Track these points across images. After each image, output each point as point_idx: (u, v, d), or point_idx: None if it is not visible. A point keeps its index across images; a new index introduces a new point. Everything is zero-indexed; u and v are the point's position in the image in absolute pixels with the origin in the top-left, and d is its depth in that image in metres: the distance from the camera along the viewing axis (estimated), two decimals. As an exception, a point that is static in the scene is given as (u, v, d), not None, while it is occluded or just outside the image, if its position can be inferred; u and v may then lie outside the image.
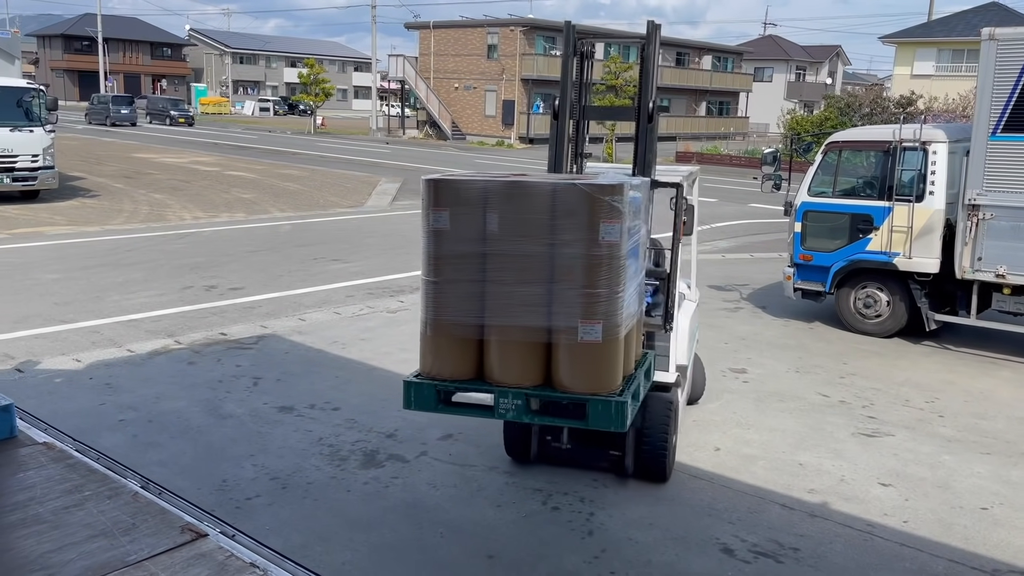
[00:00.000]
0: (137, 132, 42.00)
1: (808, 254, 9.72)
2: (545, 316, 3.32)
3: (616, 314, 3.34)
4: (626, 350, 3.59)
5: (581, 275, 3.26)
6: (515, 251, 3.31)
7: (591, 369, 3.34)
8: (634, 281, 3.70)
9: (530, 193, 3.33)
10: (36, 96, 16.93)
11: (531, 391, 3.44)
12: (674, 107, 55.83)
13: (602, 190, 3.23)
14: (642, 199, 3.81)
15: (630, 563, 4.60)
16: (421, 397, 3.62)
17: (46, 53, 75.76)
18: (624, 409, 3.32)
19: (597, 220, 3.22)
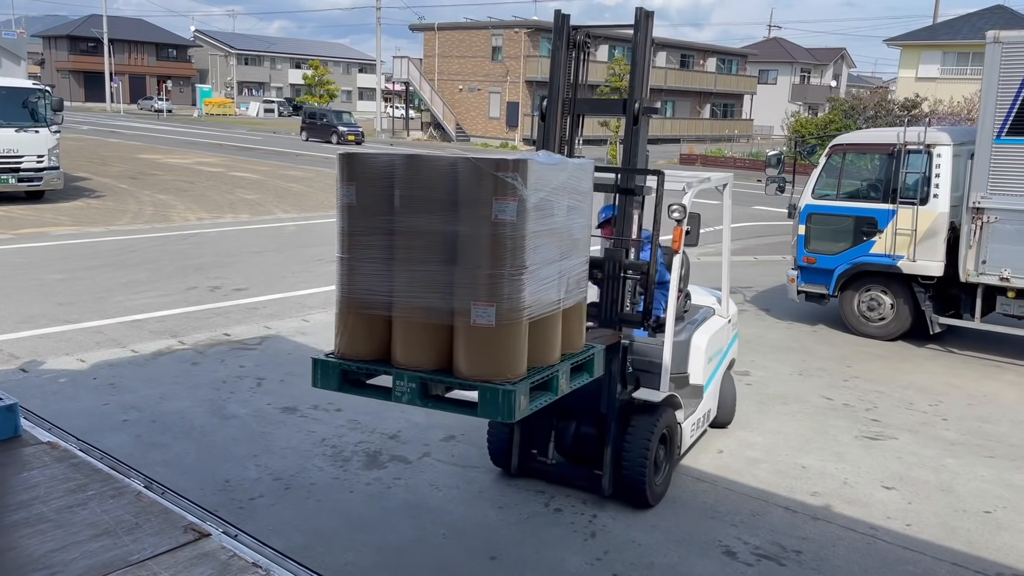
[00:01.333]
0: (142, 133, 42.12)
1: (812, 257, 9.71)
2: (444, 297, 3.12)
3: (514, 297, 3.08)
4: (540, 338, 3.30)
5: (473, 254, 3.05)
6: (416, 228, 3.15)
7: (484, 354, 3.10)
8: (554, 265, 3.35)
9: (429, 168, 3.16)
10: (41, 97, 16.98)
11: (427, 375, 3.22)
12: (678, 109, 55.83)
13: (496, 166, 3.03)
14: (571, 181, 3.47)
15: (632, 565, 4.60)
16: (327, 376, 3.47)
17: (52, 54, 75.98)
18: (512, 399, 3.06)
19: (490, 197, 3.01)
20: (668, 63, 54.34)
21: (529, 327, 3.23)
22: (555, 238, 3.34)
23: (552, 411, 5.09)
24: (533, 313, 3.23)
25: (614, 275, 4.97)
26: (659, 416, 5.11)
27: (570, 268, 3.51)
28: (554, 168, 3.30)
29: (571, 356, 3.62)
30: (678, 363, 5.66)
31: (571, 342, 3.62)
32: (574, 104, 5.24)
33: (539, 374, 3.33)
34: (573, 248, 3.54)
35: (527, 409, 3.21)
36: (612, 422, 5.02)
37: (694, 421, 5.77)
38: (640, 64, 4.96)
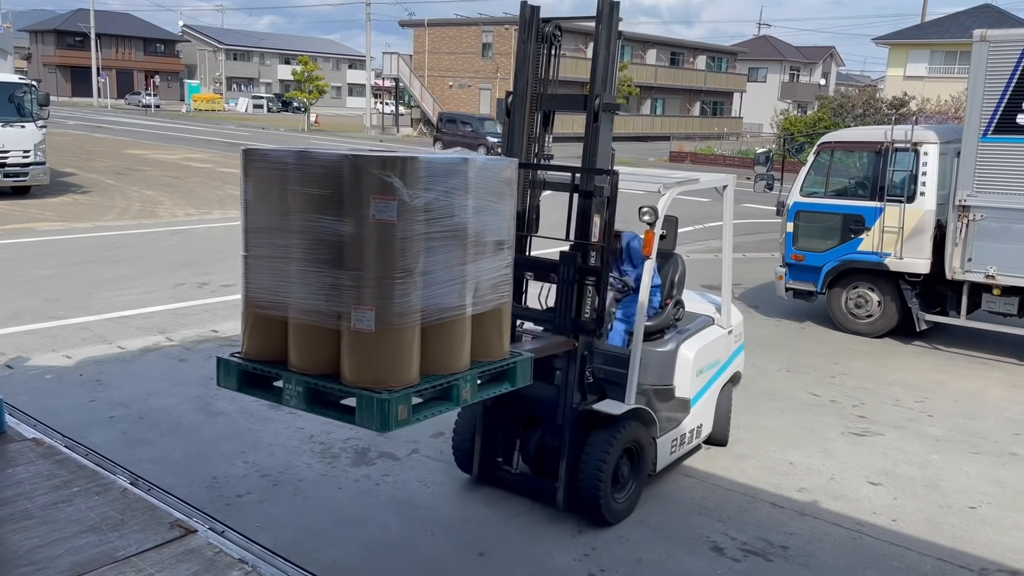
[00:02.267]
0: (129, 128, 41.87)
1: (800, 254, 9.76)
2: (330, 299, 3.02)
3: (398, 302, 2.95)
4: (438, 345, 3.17)
5: (354, 256, 2.94)
6: (304, 227, 3.04)
7: (365, 360, 2.98)
8: (455, 268, 3.20)
9: (315, 165, 3.04)
10: (28, 91, 16.85)
11: (313, 380, 3.09)
12: (668, 107, 55.93)
13: (375, 164, 2.91)
14: (479, 181, 3.29)
15: (620, 561, 4.61)
16: (228, 376, 3.34)
17: (38, 48, 75.44)
18: (387, 408, 2.90)
19: (367, 196, 2.89)
20: (658, 61, 54.40)
21: (425, 333, 3.11)
22: (457, 240, 3.18)
23: (518, 420, 5.07)
24: (428, 318, 3.10)
25: (569, 280, 4.67)
26: (620, 430, 4.84)
27: (481, 272, 3.33)
28: (450, 166, 3.13)
29: (485, 364, 3.44)
30: (662, 375, 5.44)
31: (486, 350, 3.46)
32: (541, 100, 4.96)
33: (433, 383, 3.16)
34: (484, 251, 3.35)
35: (410, 420, 3.05)
36: (568, 433, 4.80)
37: (676, 437, 5.47)
38: (602, 57, 4.65)
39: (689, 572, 4.56)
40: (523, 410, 5.05)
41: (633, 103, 47.89)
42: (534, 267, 4.95)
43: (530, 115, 4.95)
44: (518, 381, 3.65)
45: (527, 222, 4.95)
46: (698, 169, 33.61)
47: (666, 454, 5.38)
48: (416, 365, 3.07)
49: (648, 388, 5.31)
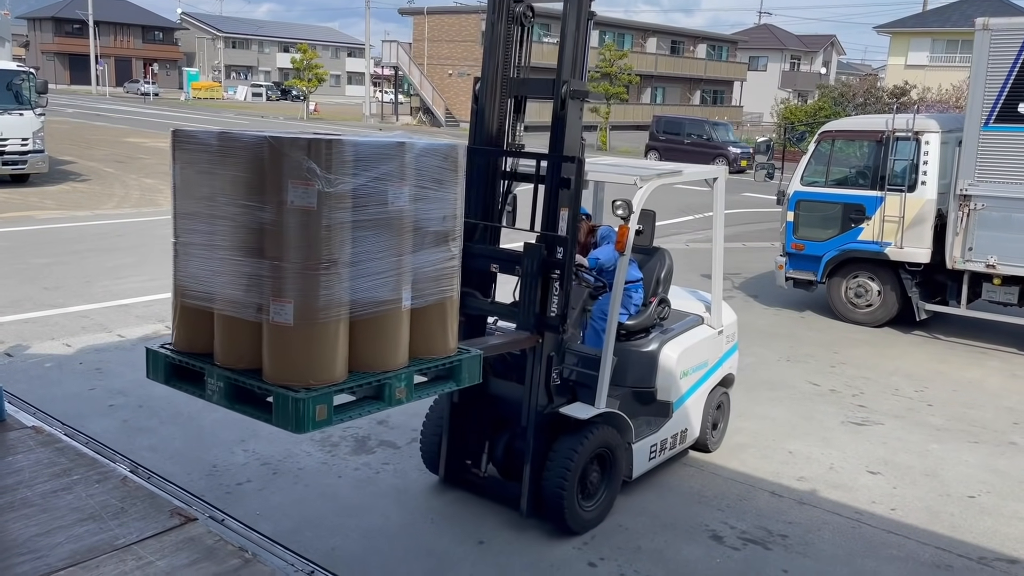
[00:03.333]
0: (128, 116, 41.74)
1: (800, 243, 9.75)
2: (250, 290, 2.84)
3: (318, 294, 2.75)
4: (369, 341, 2.98)
5: (272, 245, 2.76)
6: (227, 213, 2.87)
7: (283, 356, 2.80)
8: (388, 259, 2.99)
9: (237, 147, 2.85)
10: (26, 79, 16.78)
11: (235, 375, 2.90)
12: (668, 95, 55.77)
13: (293, 146, 2.70)
14: (417, 167, 3.07)
15: (619, 549, 4.62)
16: (156, 368, 3.18)
17: (36, 36, 75.12)
18: (303, 408, 2.70)
19: (284, 181, 2.69)
20: (659, 49, 54.23)
21: (355, 328, 2.94)
22: (390, 230, 2.97)
23: (487, 421, 4.87)
24: (357, 312, 2.91)
25: (532, 273, 4.43)
26: (588, 435, 4.61)
27: (421, 264, 3.13)
28: (382, 151, 2.90)
29: (426, 362, 3.23)
30: (643, 376, 5.26)
31: (429, 346, 3.25)
32: (510, 86, 4.70)
33: (359, 381, 2.96)
34: (424, 242, 3.14)
35: (331, 420, 2.85)
36: (532, 437, 4.58)
37: (655, 443, 5.21)
38: (571, 40, 4.38)
39: (688, 560, 4.57)
40: (492, 411, 4.87)
41: (633, 91, 47.70)
42: (500, 260, 4.67)
43: (499, 101, 4.68)
44: (464, 380, 3.40)
45: (496, 212, 4.77)
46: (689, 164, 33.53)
47: (644, 461, 5.13)
48: (342, 362, 2.88)
49: (627, 390, 5.15)
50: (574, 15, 4.37)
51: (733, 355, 6.14)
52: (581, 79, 4.45)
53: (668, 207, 17.82)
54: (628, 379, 5.22)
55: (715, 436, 5.93)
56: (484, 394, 4.73)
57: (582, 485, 4.67)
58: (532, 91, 4.70)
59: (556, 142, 4.44)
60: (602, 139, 36.67)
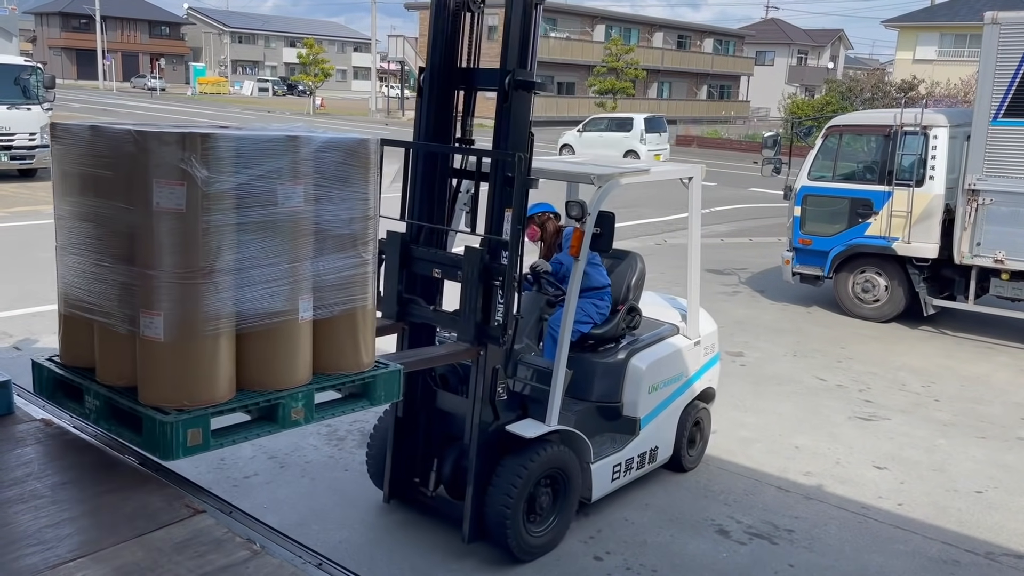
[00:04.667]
0: (136, 111, 41.79)
1: (807, 238, 9.72)
2: (123, 301, 2.52)
3: (192, 305, 2.42)
4: (259, 357, 2.63)
5: (141, 250, 2.44)
6: (99, 215, 2.57)
7: (156, 374, 2.48)
8: (280, 267, 2.61)
9: (106, 142, 2.53)
10: (33, 74, 16.82)
11: (111, 393, 2.57)
12: (675, 90, 55.61)
13: (158, 140, 2.37)
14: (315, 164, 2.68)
15: (625, 543, 4.62)
16: (41, 383, 2.86)
17: (44, 31, 75.29)
18: (170, 432, 2.38)
19: (150, 180, 2.37)
20: (665, 44, 54.10)
21: (243, 342, 2.59)
22: (281, 234, 2.59)
23: (436, 438, 4.60)
24: (244, 325, 2.57)
25: (473, 280, 4.04)
26: (537, 454, 4.27)
27: (323, 271, 2.76)
28: (269, 145, 2.53)
29: (332, 379, 2.87)
30: (607, 390, 4.95)
31: (337, 362, 2.88)
32: (457, 76, 4.37)
33: (246, 401, 2.61)
34: (326, 246, 2.76)
35: (208, 446, 2.52)
36: (475, 456, 4.25)
37: (619, 462, 4.85)
38: (516, 26, 4.01)
39: (694, 555, 4.57)
40: (440, 427, 4.59)
41: (640, 86, 47.62)
42: (442, 264, 4.29)
43: (445, 93, 4.33)
44: (380, 398, 3.03)
45: (446, 212, 4.48)
46: (706, 153, 33.49)
47: (605, 481, 4.78)
48: (225, 380, 2.55)
49: (590, 405, 4.89)
50: (521, 1, 4.02)
51: (713, 367, 5.72)
52: (527, 68, 4.07)
53: (675, 202, 17.81)
54: (592, 393, 4.91)
55: (692, 454, 5.53)
56: (431, 408, 4.54)
57: (530, 508, 4.36)
58: (481, 82, 4.33)
59: (500, 137, 4.09)
60: (608, 134, 36.58)
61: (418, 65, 4.22)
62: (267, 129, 2.64)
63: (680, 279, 5.83)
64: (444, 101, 4.34)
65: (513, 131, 4.04)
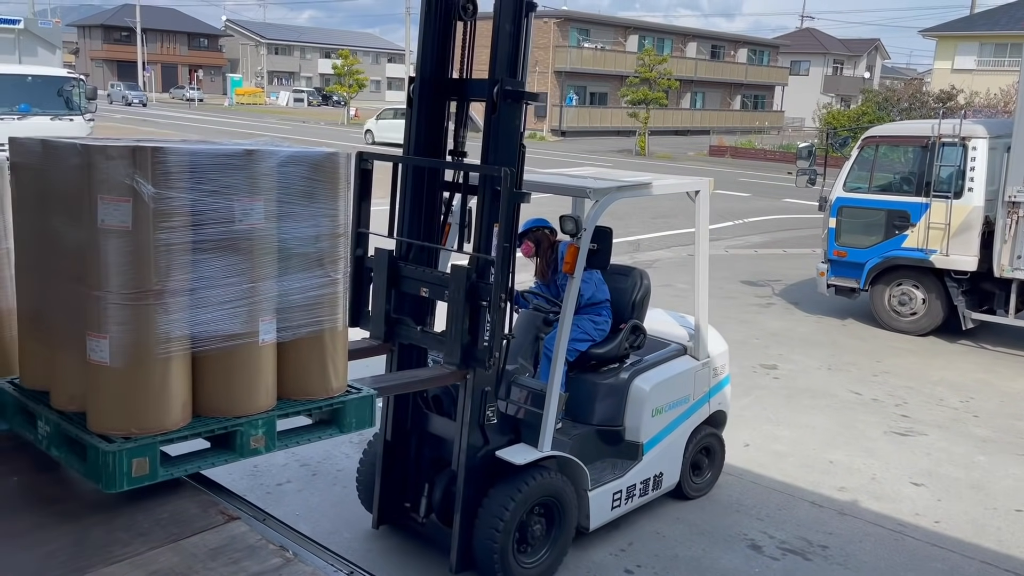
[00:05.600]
0: (175, 121, 42.54)
1: (842, 250, 9.61)
2: (73, 322, 2.41)
3: (141, 328, 2.30)
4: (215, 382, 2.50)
5: (86, 269, 2.33)
6: (49, 232, 2.48)
7: (102, 400, 2.36)
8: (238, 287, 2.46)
9: (56, 158, 2.45)
10: (76, 85, 17.22)
11: (61, 418, 2.45)
12: (708, 101, 55.36)
13: (102, 154, 2.26)
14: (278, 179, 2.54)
15: (656, 557, 4.59)
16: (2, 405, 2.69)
17: (86, 43, 76.98)
18: (112, 462, 2.26)
19: (94, 195, 2.27)
20: (698, 54, 53.89)
21: (199, 366, 2.47)
22: (238, 252, 2.45)
23: (427, 462, 4.43)
24: (200, 348, 2.44)
25: (459, 300, 3.83)
26: (528, 481, 4.08)
27: (287, 291, 2.61)
28: (224, 159, 2.41)
29: (297, 405, 2.73)
30: (608, 413, 4.76)
31: (303, 386, 2.73)
32: (448, 87, 4.18)
33: (198, 429, 2.48)
34: (290, 266, 2.62)
35: (157, 475, 2.38)
36: (463, 482, 4.06)
37: (619, 490, 4.63)
38: (506, 33, 3.82)
39: (726, 570, 4.53)
40: (431, 450, 4.40)
41: (673, 96, 47.47)
42: (429, 283, 4.09)
43: (436, 105, 4.16)
44: (350, 425, 2.86)
45: (437, 228, 4.31)
46: (739, 163, 33.26)
47: (604, 509, 4.57)
48: (178, 406, 2.42)
49: (589, 429, 4.71)
50: (510, 6, 3.81)
51: (723, 390, 5.42)
52: (517, 78, 3.88)
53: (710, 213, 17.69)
54: (592, 416, 4.74)
55: (699, 482, 5.30)
56: (422, 432, 4.39)
57: (521, 538, 4.17)
58: (474, 93, 4.12)
59: (487, 149, 3.88)
60: (641, 144, 36.52)
61: (408, 75, 4.39)
62: (224, 143, 2.51)
63: (711, 290, 5.79)
64: (435, 112, 4.17)
65: (502, 143, 3.85)
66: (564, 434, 4.52)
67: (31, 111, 16.33)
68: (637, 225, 15.53)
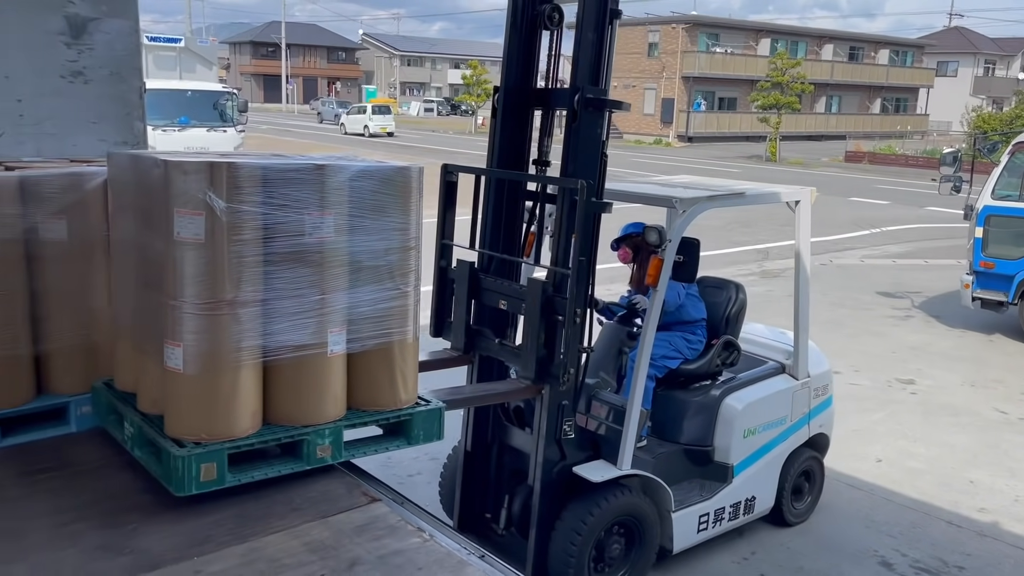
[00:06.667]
0: (313, 131, 44.67)
1: (990, 261, 9.11)
2: (154, 330, 2.50)
3: (213, 337, 2.38)
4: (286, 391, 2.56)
5: (166, 280, 2.42)
6: (136, 244, 2.61)
7: (177, 404, 2.45)
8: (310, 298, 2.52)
9: (143, 173, 2.56)
10: (229, 99, 18.44)
11: (143, 421, 2.57)
12: (845, 104, 53.16)
13: (178, 169, 2.35)
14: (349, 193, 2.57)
15: (780, 567, 4.55)
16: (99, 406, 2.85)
17: (236, 59, 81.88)
18: (182, 467, 2.34)
19: (171, 208, 2.36)
20: (835, 56, 51.87)
21: (270, 375, 2.54)
22: (308, 265, 2.51)
23: (507, 474, 4.36)
24: (271, 357, 2.51)
25: (535, 313, 3.75)
26: (605, 500, 4.00)
27: (356, 303, 2.66)
28: (295, 174, 2.47)
29: (364, 415, 2.77)
30: (697, 433, 4.62)
31: (372, 397, 2.77)
32: (532, 97, 4.14)
33: (265, 437, 2.53)
34: (360, 278, 2.66)
35: (224, 480, 2.44)
36: (539, 497, 3.96)
37: (707, 512, 4.48)
38: (588, 42, 3.76)
39: (854, 584, 4.44)
40: (513, 463, 4.32)
41: (807, 101, 45.93)
42: (508, 296, 4.01)
43: (520, 114, 4.12)
44: (417, 438, 2.90)
45: (513, 241, 4.22)
46: (879, 170, 31.82)
47: (690, 532, 4.44)
48: (248, 414, 2.49)
49: (676, 448, 4.58)
50: (593, 13, 3.75)
51: (825, 412, 5.16)
52: (600, 86, 3.82)
53: (839, 220, 17.07)
54: (680, 434, 4.61)
55: (798, 507, 5.07)
56: (503, 443, 4.33)
57: (598, 556, 4.06)
58: (560, 103, 4.03)
59: (567, 159, 3.83)
60: (771, 150, 35.52)
61: (493, 85, 4.23)
62: (299, 158, 2.59)
63: (845, 300, 5.65)
64: (519, 122, 4.13)
65: (582, 152, 3.78)
66: (648, 452, 4.44)
67: (190, 123, 17.62)
68: (766, 232, 15.18)
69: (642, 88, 46.92)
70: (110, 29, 3.40)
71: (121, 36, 3.44)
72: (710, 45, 46.11)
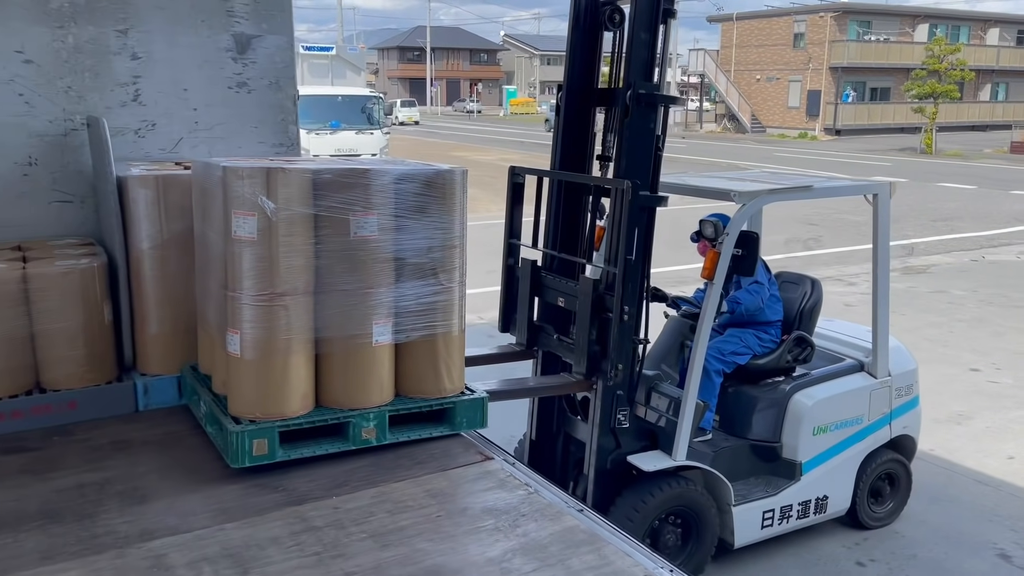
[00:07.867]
0: (454, 132, 46.02)
1: None
2: (220, 317, 2.78)
3: (266, 325, 2.63)
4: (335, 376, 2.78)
5: (227, 274, 2.68)
6: (208, 241, 2.90)
7: (237, 386, 2.71)
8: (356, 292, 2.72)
9: (209, 177, 2.83)
10: (376, 103, 19.49)
11: (214, 400, 2.85)
12: (1012, 92, 49.44)
13: (234, 175, 2.59)
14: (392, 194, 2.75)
15: (892, 554, 4.59)
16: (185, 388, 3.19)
17: (384, 63, 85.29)
18: (236, 442, 2.59)
19: (229, 209, 2.63)
20: (1001, 40, 48.31)
21: (322, 362, 2.77)
22: (353, 261, 2.72)
23: (572, 463, 4.48)
24: (321, 346, 2.75)
25: (585, 311, 3.88)
26: (657, 489, 4.05)
27: (400, 297, 2.84)
28: (340, 177, 2.67)
29: (409, 402, 2.96)
30: (765, 428, 4.57)
31: (418, 385, 2.97)
32: (595, 96, 4.20)
33: (314, 418, 2.76)
34: (404, 274, 2.83)
35: (275, 455, 2.66)
36: (593, 484, 4.07)
37: (772, 508, 4.42)
38: (640, 40, 3.81)
39: (969, 574, 4.42)
40: (576, 452, 4.44)
41: (969, 89, 43.11)
42: (565, 293, 4.16)
43: (582, 113, 4.21)
44: (460, 425, 3.05)
45: (574, 239, 4.33)
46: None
47: (753, 527, 4.39)
48: (298, 396, 2.73)
49: (742, 443, 4.56)
50: (645, 16, 3.80)
51: (909, 413, 4.95)
52: (653, 82, 3.85)
53: (997, 215, 16.09)
54: (747, 429, 4.59)
55: (877, 511, 4.90)
56: (566, 434, 4.49)
57: (653, 545, 4.06)
58: (617, 102, 4.03)
59: (620, 155, 3.88)
60: (927, 141, 33.64)
61: (557, 84, 4.27)
62: (345, 163, 2.83)
63: (994, 298, 5.52)
64: (581, 120, 4.23)
65: (636, 148, 3.83)
66: (711, 446, 4.45)
67: (340, 126, 18.75)
68: (913, 228, 14.58)
69: (786, 80, 45.48)
70: (269, 44, 3.89)
71: (279, 50, 3.93)
72: (861, 33, 44.06)
